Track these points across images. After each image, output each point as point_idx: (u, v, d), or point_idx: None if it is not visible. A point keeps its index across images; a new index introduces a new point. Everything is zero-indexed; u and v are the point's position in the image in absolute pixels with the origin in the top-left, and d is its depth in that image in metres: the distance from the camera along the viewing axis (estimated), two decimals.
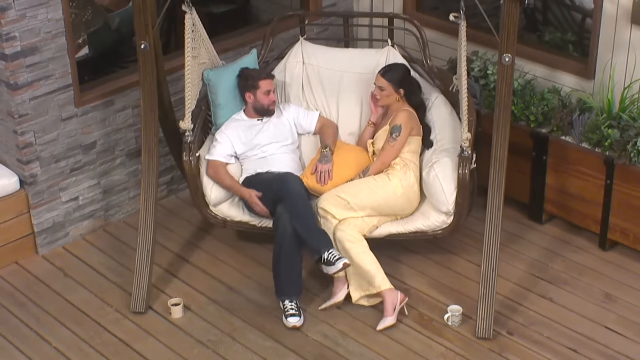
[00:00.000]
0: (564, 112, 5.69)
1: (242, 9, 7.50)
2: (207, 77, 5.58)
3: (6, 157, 5.69)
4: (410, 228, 5.37)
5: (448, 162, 5.29)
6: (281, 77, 5.89)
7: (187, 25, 5.31)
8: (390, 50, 5.86)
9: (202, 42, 5.53)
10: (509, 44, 4.83)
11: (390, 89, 5.45)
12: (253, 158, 5.51)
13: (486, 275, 5.03)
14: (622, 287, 5.45)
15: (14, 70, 5.33)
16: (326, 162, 5.39)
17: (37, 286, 5.56)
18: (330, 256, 4.99)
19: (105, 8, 6.12)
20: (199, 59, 5.53)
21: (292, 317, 5.15)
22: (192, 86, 5.33)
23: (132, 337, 5.14)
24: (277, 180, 5.26)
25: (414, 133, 5.42)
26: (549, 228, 5.97)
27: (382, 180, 5.32)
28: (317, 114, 5.74)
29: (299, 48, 5.94)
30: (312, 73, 5.91)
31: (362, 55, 5.94)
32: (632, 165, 5.40)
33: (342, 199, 5.22)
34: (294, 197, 5.15)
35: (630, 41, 5.57)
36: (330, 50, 6.00)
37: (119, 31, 6.15)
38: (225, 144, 5.49)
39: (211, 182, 5.42)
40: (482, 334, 5.05)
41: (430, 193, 5.32)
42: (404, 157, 5.38)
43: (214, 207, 5.48)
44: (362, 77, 5.83)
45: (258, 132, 5.54)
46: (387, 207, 5.32)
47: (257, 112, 5.58)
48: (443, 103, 5.67)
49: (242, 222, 5.51)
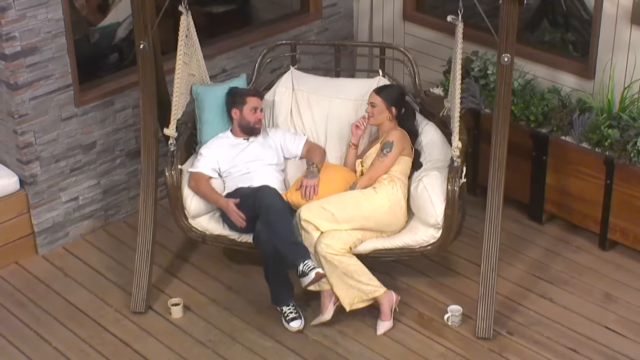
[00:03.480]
0: (564, 112, 5.69)
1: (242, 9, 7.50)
2: (196, 91, 5.56)
3: (6, 157, 5.69)
4: (397, 244, 5.21)
5: (437, 175, 5.19)
6: (270, 101, 5.84)
7: (182, 26, 5.30)
8: (381, 80, 5.80)
9: (194, 51, 5.51)
10: (508, 44, 4.83)
11: (383, 106, 5.39)
12: (236, 175, 5.43)
13: (486, 275, 5.03)
14: (622, 287, 5.45)
15: (14, 70, 5.34)
16: (312, 177, 5.30)
17: (37, 286, 5.56)
18: (305, 267, 4.88)
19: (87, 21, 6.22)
20: (190, 69, 5.50)
21: (293, 322, 5.15)
22: (180, 94, 5.30)
23: (132, 337, 5.14)
24: (252, 194, 5.17)
25: (404, 153, 5.32)
26: (549, 228, 5.97)
27: (369, 193, 5.19)
28: (304, 139, 5.67)
29: (289, 76, 5.90)
30: (302, 98, 5.85)
31: (352, 83, 5.89)
32: (632, 165, 5.40)
33: (326, 210, 5.09)
34: (269, 211, 5.04)
35: (630, 41, 5.57)
36: (321, 78, 5.97)
37: (98, 45, 6.24)
38: (210, 157, 5.43)
39: (191, 194, 5.33)
40: (482, 334, 5.05)
41: (418, 206, 5.19)
42: (393, 175, 5.26)
43: (193, 219, 5.37)
44: (351, 103, 5.76)
45: (243, 150, 5.48)
46: (372, 220, 5.16)
47: (243, 130, 5.51)
48: (433, 129, 5.59)
49: (221, 236, 5.38)
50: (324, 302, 5.16)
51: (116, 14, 6.34)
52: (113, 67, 6.27)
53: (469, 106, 5.97)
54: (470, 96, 6.00)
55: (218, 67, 6.30)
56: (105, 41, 6.29)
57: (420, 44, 6.65)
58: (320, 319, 5.17)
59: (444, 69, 6.30)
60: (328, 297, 5.15)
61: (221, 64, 6.33)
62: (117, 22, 6.33)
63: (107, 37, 6.29)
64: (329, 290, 5.12)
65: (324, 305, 5.16)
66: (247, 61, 6.42)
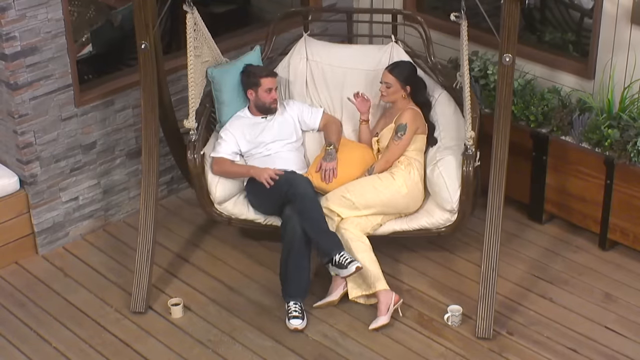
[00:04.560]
0: (564, 112, 5.69)
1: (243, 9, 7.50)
2: (211, 74, 5.58)
3: (6, 157, 5.69)
4: (414, 226, 5.39)
5: (452, 160, 5.29)
6: (285, 74, 5.89)
7: (188, 24, 5.30)
8: (394, 46, 5.86)
9: (204, 40, 5.53)
10: (510, 44, 4.83)
11: (397, 86, 5.46)
12: (257, 156, 5.51)
13: (486, 275, 5.03)
14: (622, 287, 5.45)
15: (14, 70, 5.33)
16: (331, 160, 5.39)
17: (37, 286, 5.56)
18: (342, 259, 4.99)
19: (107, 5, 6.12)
20: (202, 58, 5.52)
21: (294, 320, 5.14)
22: (195, 85, 5.33)
23: (132, 337, 5.14)
24: (285, 182, 5.24)
25: (419, 132, 5.44)
26: (549, 228, 5.97)
27: (387, 179, 5.33)
28: (321, 111, 5.74)
29: (303, 45, 5.94)
30: (316, 70, 5.91)
31: (365, 51, 5.94)
32: (632, 165, 5.40)
33: (347, 199, 5.24)
34: (304, 199, 5.14)
35: (630, 41, 5.57)
36: (334, 46, 6.00)
37: (122, 28, 6.15)
38: (230, 141, 5.49)
39: (216, 180, 5.41)
40: (482, 334, 5.05)
41: (435, 191, 5.33)
42: (409, 156, 5.40)
43: (219, 205, 5.46)
44: (366, 74, 5.83)
45: (262, 130, 5.54)
46: (391, 206, 5.33)
47: (259, 109, 5.58)
48: (447, 100, 5.68)
49: (247, 220, 5.50)
50: (335, 283, 5.27)
51: None
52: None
53: None
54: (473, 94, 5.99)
55: None
56: (129, 23, 6.14)
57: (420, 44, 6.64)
58: (327, 300, 5.26)
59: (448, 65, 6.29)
60: (340, 280, 5.25)
61: None
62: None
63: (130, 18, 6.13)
64: None
65: (335, 286, 5.27)
66: None
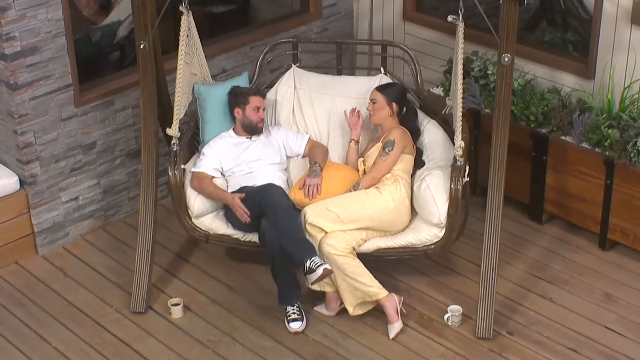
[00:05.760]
0: (564, 112, 5.69)
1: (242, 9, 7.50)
2: (198, 90, 5.56)
3: (6, 157, 5.69)
4: (400, 242, 5.22)
5: (440, 174, 5.21)
6: (272, 99, 5.85)
7: (183, 26, 5.30)
8: (383, 77, 5.80)
9: (195, 51, 5.51)
10: (509, 44, 4.83)
11: (383, 102, 5.40)
12: (239, 174, 5.44)
13: (486, 275, 5.03)
14: (622, 287, 5.45)
15: (14, 70, 5.34)
16: (315, 176, 5.30)
17: (37, 286, 5.56)
18: (312, 264, 4.88)
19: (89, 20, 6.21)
20: (191, 68, 5.50)
21: (294, 322, 5.14)
22: (182, 94, 5.30)
23: (132, 337, 5.14)
24: (259, 193, 5.17)
25: (406, 151, 5.32)
26: (549, 228, 5.97)
27: (373, 194, 5.20)
28: (306, 137, 5.68)
29: (291, 74, 5.90)
30: (304, 96, 5.85)
31: (354, 81, 5.89)
32: (632, 165, 5.40)
33: (331, 212, 5.10)
34: (276, 210, 5.05)
35: (630, 41, 5.57)
36: (323, 76, 5.96)
37: (99, 45, 6.23)
38: (212, 157, 5.44)
39: (195, 194, 5.33)
40: (482, 334, 5.05)
41: (421, 205, 5.21)
42: (396, 174, 5.27)
43: (196, 218, 5.37)
44: (353, 101, 5.75)
45: (246, 149, 5.48)
46: (377, 221, 5.18)
47: (246, 129, 5.52)
48: (435, 127, 5.60)
49: (225, 236, 5.39)
50: (329, 303, 5.22)
51: (117, 13, 6.32)
52: (114, 66, 6.27)
53: (469, 106, 5.98)
54: (470, 96, 6.00)
55: (218, 67, 6.29)
56: (106, 40, 6.28)
57: (420, 44, 6.65)
58: (324, 312, 5.25)
59: (444, 68, 6.30)
60: (334, 299, 5.20)
61: (221, 64, 6.33)
62: (119, 20, 6.32)
63: (108, 36, 6.28)
64: (334, 292, 5.16)
65: (329, 306, 5.23)
66: (248, 61, 6.42)
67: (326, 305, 5.25)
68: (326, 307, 5.25)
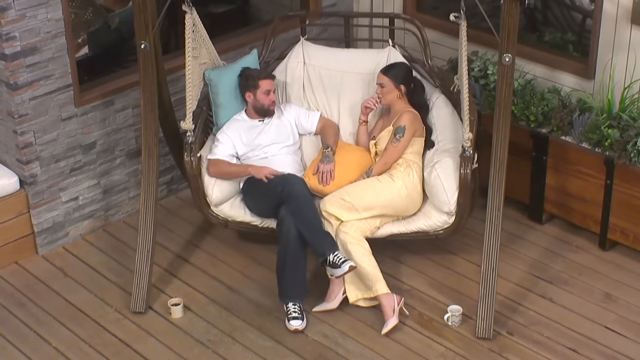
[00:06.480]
0: (564, 112, 5.69)
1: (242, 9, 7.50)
2: (209, 76, 5.58)
3: (6, 157, 5.69)
4: (412, 228, 5.37)
5: (450, 162, 5.29)
6: (282, 77, 5.89)
7: (187, 25, 5.31)
8: (391, 50, 5.86)
9: (202, 42, 5.53)
10: (509, 44, 4.83)
11: (391, 85, 5.47)
12: (254, 159, 5.50)
13: (486, 275, 5.03)
14: (622, 287, 5.45)
15: (14, 70, 5.33)
16: (328, 162, 5.39)
17: (37, 286, 5.56)
18: (336, 259, 4.98)
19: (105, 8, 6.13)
20: (200, 59, 5.52)
21: (294, 320, 5.14)
22: (193, 86, 5.33)
23: (132, 337, 5.14)
24: (280, 182, 5.24)
25: (417, 134, 5.44)
26: (549, 228, 5.97)
27: (386, 181, 5.32)
28: (318, 115, 5.74)
29: (300, 48, 5.94)
30: (313, 73, 5.91)
31: (363, 55, 5.94)
32: (632, 165, 5.40)
33: (346, 202, 5.22)
34: (298, 199, 5.14)
35: (630, 41, 5.57)
36: (332, 50, 6.00)
37: (119, 31, 6.16)
38: (227, 143, 5.49)
39: (212, 182, 5.41)
40: (482, 334, 5.05)
41: (432, 193, 5.32)
42: (407, 158, 5.39)
43: (215, 207, 5.47)
44: (363, 77, 5.83)
45: (259, 133, 5.54)
46: (391, 208, 5.31)
47: (257, 112, 5.58)
48: (444, 103, 5.68)
49: (244, 223, 5.50)
50: (332, 290, 5.25)
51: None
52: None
53: None
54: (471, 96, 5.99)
55: None
56: (125, 25, 6.16)
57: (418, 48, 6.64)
58: (326, 307, 5.25)
59: (444, 68, 6.29)
60: (338, 286, 5.24)
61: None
62: None
63: (126, 21, 6.14)
64: (341, 281, 5.21)
65: (332, 293, 5.25)
66: None
67: (328, 295, 5.26)
68: (328, 297, 5.26)
